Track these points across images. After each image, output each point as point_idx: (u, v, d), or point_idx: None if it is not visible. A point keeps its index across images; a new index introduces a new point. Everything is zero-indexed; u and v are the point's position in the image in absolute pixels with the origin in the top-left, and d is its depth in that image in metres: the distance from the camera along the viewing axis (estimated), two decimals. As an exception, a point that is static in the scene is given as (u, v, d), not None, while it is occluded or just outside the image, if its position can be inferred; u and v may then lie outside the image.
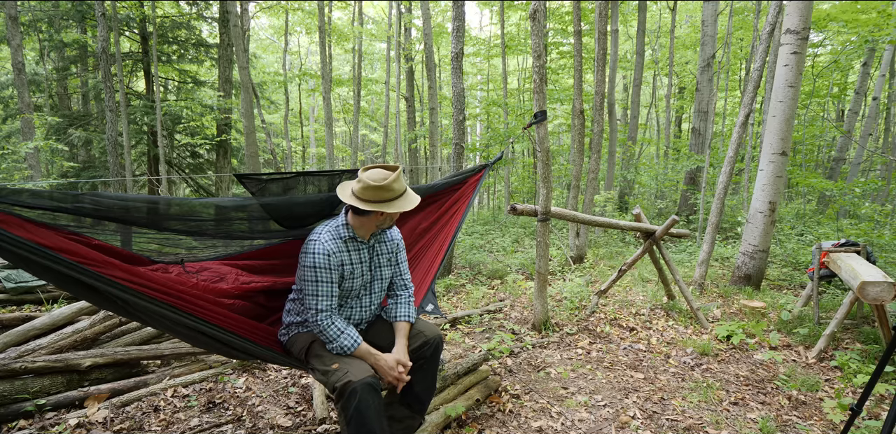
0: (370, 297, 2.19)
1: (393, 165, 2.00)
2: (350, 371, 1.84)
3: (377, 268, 2.17)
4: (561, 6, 13.17)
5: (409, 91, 14.79)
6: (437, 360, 2.11)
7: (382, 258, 2.19)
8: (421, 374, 2.10)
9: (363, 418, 1.81)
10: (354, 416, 1.80)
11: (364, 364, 1.93)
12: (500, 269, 6.42)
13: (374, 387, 1.83)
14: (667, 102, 13.95)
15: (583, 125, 6.68)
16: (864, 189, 7.48)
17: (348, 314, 2.14)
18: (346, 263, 2.03)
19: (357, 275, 2.08)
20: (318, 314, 1.95)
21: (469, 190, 2.96)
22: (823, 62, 12.76)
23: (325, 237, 1.99)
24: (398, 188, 1.97)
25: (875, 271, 3.33)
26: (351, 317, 2.15)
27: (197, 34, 11.62)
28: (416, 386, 2.10)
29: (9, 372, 2.50)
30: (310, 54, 23.65)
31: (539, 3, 3.69)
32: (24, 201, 1.55)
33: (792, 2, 4.81)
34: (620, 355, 3.60)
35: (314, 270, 1.95)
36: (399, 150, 15.78)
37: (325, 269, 1.95)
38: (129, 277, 1.68)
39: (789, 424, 2.64)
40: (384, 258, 2.20)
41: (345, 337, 1.96)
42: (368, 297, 2.18)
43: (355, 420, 1.81)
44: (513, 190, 15.10)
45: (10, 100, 10.67)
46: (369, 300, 2.19)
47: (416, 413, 2.17)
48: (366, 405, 1.80)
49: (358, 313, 2.17)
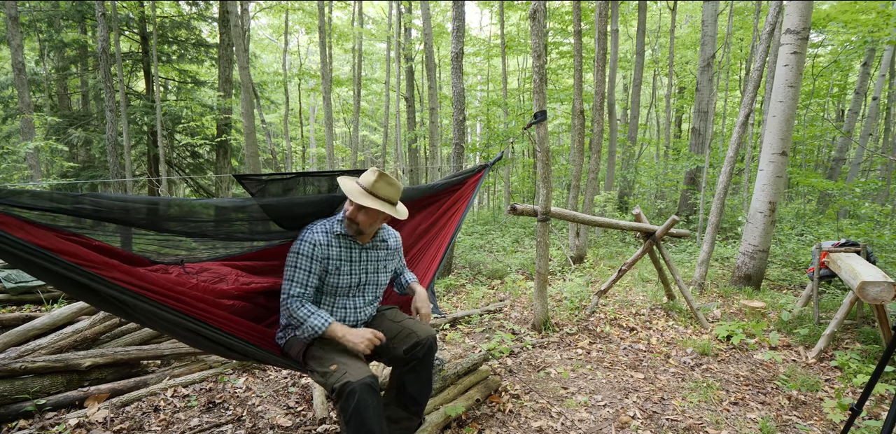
0: (363, 298, 2.19)
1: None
2: (348, 372, 1.85)
3: (373, 272, 2.18)
4: (561, 6, 13.17)
5: (409, 91, 14.79)
6: (431, 361, 2.09)
7: (379, 264, 2.20)
8: (414, 376, 2.08)
9: (362, 418, 1.81)
10: (354, 417, 1.80)
11: (363, 364, 1.93)
12: (500, 269, 6.42)
13: (372, 387, 1.83)
14: (667, 102, 13.95)
15: (583, 125, 6.68)
16: (864, 189, 7.48)
17: (341, 316, 2.14)
18: (332, 258, 2.06)
19: (344, 272, 2.10)
20: (288, 299, 2.00)
21: (469, 190, 2.96)
22: (823, 62, 12.76)
23: (317, 228, 2.08)
24: (399, 189, 2.07)
25: (875, 271, 3.33)
26: (345, 319, 2.15)
27: (197, 34, 11.61)
28: (410, 387, 2.09)
29: (9, 372, 2.50)
30: (310, 54, 23.64)
31: (539, 3, 3.69)
32: (24, 202, 1.55)
33: (792, 2, 4.81)
34: (620, 355, 3.60)
35: (295, 256, 2.03)
36: (399, 150, 15.78)
37: (305, 256, 2.02)
38: (128, 279, 1.68)
39: (789, 424, 2.64)
40: (381, 264, 2.21)
41: (315, 317, 1.98)
42: (362, 298, 2.19)
43: (354, 420, 1.81)
44: (513, 190, 15.10)
45: (10, 100, 10.66)
46: (363, 302, 2.19)
47: (413, 414, 2.16)
48: (365, 405, 1.80)
49: (352, 315, 2.17)
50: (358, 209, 2.01)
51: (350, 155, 18.71)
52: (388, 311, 2.32)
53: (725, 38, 9.97)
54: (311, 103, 22.44)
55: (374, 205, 1.98)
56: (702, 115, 10.22)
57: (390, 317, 2.26)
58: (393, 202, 2.07)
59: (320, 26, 11.00)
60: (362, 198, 1.99)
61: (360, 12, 14.86)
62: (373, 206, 1.97)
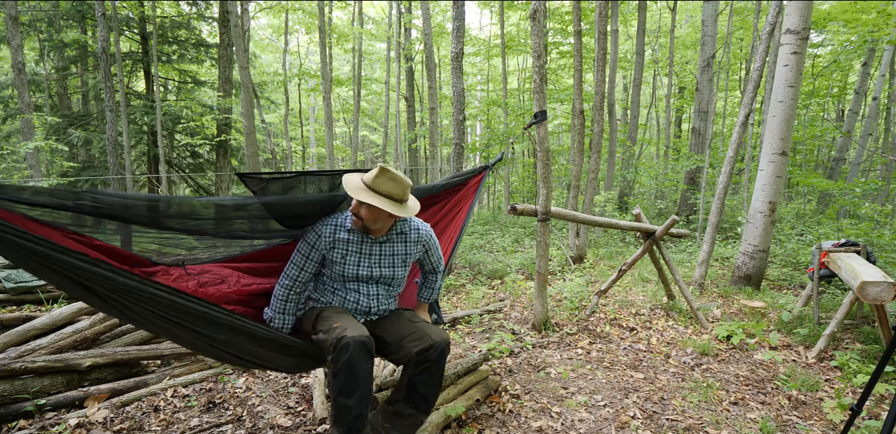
0: (376, 287, 2.22)
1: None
2: (348, 328, 1.91)
3: (388, 266, 2.20)
4: (561, 6, 13.17)
5: (409, 91, 14.79)
6: (442, 364, 2.11)
7: (395, 258, 2.21)
8: (427, 376, 2.09)
9: (353, 371, 1.86)
10: (343, 369, 1.85)
11: (363, 328, 1.98)
12: (500, 269, 6.42)
13: (366, 346, 1.89)
14: (667, 102, 13.94)
15: (583, 125, 6.68)
16: (864, 189, 7.48)
17: (354, 298, 2.19)
18: (338, 247, 2.12)
19: (351, 262, 2.13)
20: (281, 280, 2.17)
21: (471, 192, 2.96)
22: (823, 62, 12.76)
23: (329, 221, 2.15)
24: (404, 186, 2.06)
25: (875, 271, 3.33)
26: (358, 301, 2.19)
27: (197, 34, 11.62)
28: (422, 387, 2.11)
29: (9, 372, 2.50)
30: (310, 54, 23.64)
31: (539, 3, 3.69)
32: (27, 198, 1.55)
33: (792, 2, 4.81)
34: (620, 355, 3.60)
35: (301, 242, 2.16)
36: (399, 150, 15.77)
37: (307, 243, 2.13)
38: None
39: (789, 424, 2.64)
40: (397, 258, 2.21)
41: (279, 319, 2.17)
42: (374, 286, 2.22)
43: (344, 373, 1.86)
44: (513, 190, 15.10)
45: (10, 100, 10.66)
46: (375, 290, 2.22)
47: (421, 412, 2.19)
48: (357, 360, 1.85)
49: (364, 300, 2.20)
50: (359, 204, 2.03)
51: (350, 155, 18.71)
52: (407, 312, 2.35)
53: (725, 38, 9.97)
54: (311, 103, 22.44)
55: (372, 200, 1.97)
56: (702, 115, 10.22)
57: (408, 316, 2.29)
58: (396, 198, 2.04)
59: (320, 26, 11.00)
60: (359, 192, 1.99)
61: (360, 12, 14.86)
62: (368, 201, 1.97)
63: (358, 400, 1.91)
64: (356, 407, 1.91)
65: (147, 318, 1.74)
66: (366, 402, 1.94)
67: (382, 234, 2.17)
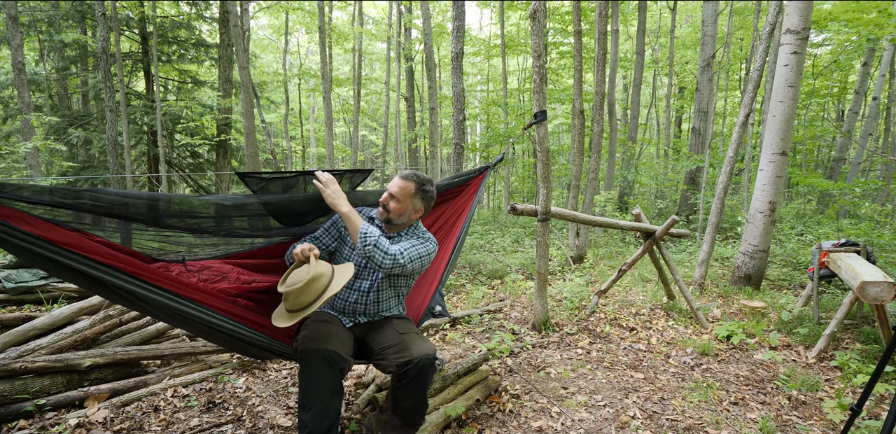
0: (367, 282, 2.21)
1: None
2: (316, 338, 1.95)
3: None
4: (561, 6, 13.17)
5: (409, 91, 14.80)
6: (424, 382, 2.00)
7: None
8: (406, 393, 2.03)
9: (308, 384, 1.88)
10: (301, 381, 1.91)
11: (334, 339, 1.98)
12: (500, 268, 6.42)
13: (327, 359, 1.86)
14: (667, 102, 13.95)
15: (583, 125, 6.68)
16: (864, 189, 7.48)
17: (344, 294, 2.22)
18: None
19: (351, 245, 2.21)
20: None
21: (472, 193, 2.95)
22: (823, 62, 12.76)
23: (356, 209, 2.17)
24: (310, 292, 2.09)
25: (875, 271, 3.33)
26: (346, 299, 2.21)
27: (197, 34, 11.61)
28: (404, 402, 2.06)
29: (9, 372, 2.50)
30: (310, 54, 23.65)
31: (539, 3, 3.69)
32: (27, 196, 1.55)
33: (792, 2, 4.81)
34: (620, 355, 3.60)
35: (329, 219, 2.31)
36: (399, 150, 15.78)
37: (332, 220, 2.28)
38: (136, 271, 1.69)
39: (789, 424, 2.64)
40: None
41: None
42: (367, 282, 2.21)
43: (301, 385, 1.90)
44: (513, 190, 15.10)
45: (10, 100, 10.66)
46: (367, 285, 2.21)
47: (408, 425, 2.13)
48: (317, 372, 1.87)
49: (354, 295, 2.20)
50: (390, 197, 2.12)
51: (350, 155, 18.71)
52: (399, 321, 2.26)
53: (725, 38, 9.97)
54: (311, 103, 22.43)
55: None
56: (702, 114, 10.22)
57: (397, 326, 2.21)
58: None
59: (320, 26, 11.00)
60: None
61: (360, 12, 14.86)
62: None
63: (313, 416, 1.83)
64: (311, 423, 1.83)
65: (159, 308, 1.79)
66: (325, 419, 1.85)
67: (395, 231, 2.23)
